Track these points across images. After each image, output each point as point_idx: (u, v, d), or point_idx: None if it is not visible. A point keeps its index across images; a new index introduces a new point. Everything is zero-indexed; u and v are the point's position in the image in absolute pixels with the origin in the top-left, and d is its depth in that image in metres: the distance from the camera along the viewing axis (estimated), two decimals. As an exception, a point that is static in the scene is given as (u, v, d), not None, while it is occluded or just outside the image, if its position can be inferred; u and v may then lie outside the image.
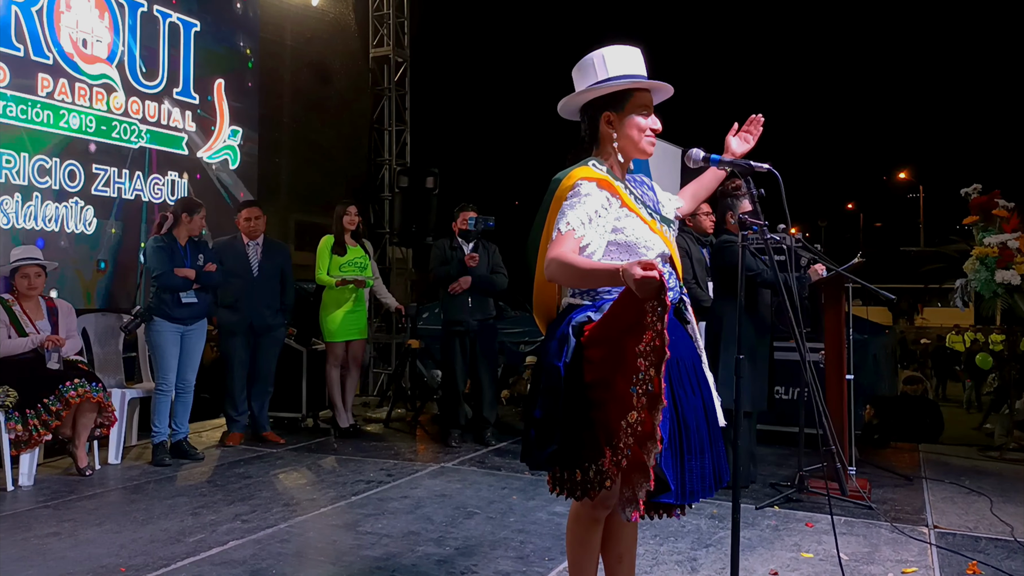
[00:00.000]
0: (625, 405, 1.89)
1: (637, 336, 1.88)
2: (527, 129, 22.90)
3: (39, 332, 4.38)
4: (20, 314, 4.37)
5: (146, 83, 5.65)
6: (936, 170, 40.45)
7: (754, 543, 3.41)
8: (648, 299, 1.84)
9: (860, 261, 4.32)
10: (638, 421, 1.86)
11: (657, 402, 1.84)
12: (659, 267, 1.79)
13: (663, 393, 1.84)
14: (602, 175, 2.11)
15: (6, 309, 4.34)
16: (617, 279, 1.84)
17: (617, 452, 1.89)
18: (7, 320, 4.33)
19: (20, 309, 4.38)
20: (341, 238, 5.62)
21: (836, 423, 4.22)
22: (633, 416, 1.87)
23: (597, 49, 2.16)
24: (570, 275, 2.03)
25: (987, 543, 3.46)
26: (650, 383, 1.85)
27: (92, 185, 5.26)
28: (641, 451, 1.87)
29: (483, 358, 5.35)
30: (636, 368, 1.87)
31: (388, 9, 8.50)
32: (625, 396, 1.89)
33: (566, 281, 2.11)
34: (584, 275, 2.00)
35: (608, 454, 1.91)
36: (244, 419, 5.37)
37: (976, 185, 5.60)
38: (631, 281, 1.78)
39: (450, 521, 3.62)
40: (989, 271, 5.30)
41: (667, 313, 1.83)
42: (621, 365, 1.91)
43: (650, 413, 1.85)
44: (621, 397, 1.90)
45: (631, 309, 1.90)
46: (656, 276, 1.76)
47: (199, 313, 4.89)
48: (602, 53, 2.16)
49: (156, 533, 3.40)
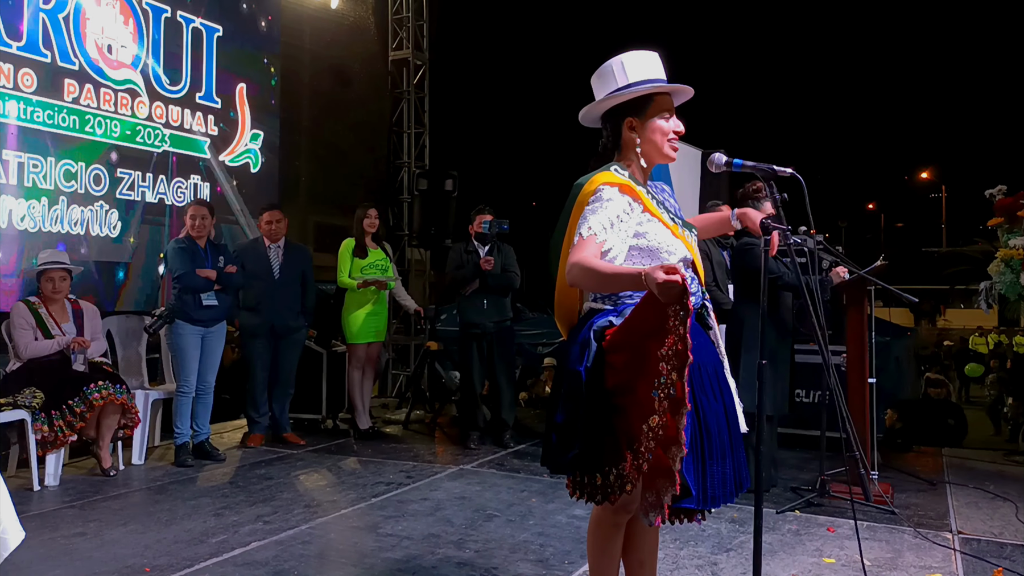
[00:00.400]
0: (647, 409, 1.89)
1: (659, 340, 1.88)
2: (546, 131, 22.84)
3: (64, 334, 4.44)
4: (46, 316, 4.43)
5: (169, 88, 5.71)
6: (959, 170, 39.95)
7: (775, 548, 3.39)
8: (671, 303, 1.83)
9: (883, 264, 4.28)
10: (660, 425, 1.86)
11: (680, 406, 1.84)
12: (682, 271, 1.79)
13: (686, 397, 1.84)
14: (624, 180, 2.11)
15: (32, 312, 4.41)
16: (640, 283, 1.84)
17: (638, 456, 1.89)
18: (33, 322, 4.39)
19: (46, 312, 4.45)
20: (362, 241, 5.65)
21: (858, 427, 4.18)
22: (655, 420, 1.87)
23: (615, 56, 2.16)
24: (592, 279, 2.03)
25: (1012, 549, 3.41)
26: (672, 387, 1.85)
27: (117, 189, 5.33)
28: (665, 455, 1.86)
29: (500, 360, 5.36)
30: (658, 372, 1.87)
31: (407, 12, 8.54)
32: (647, 400, 1.89)
33: (588, 286, 2.11)
34: (606, 279, 2.00)
35: (629, 458, 1.91)
36: (265, 420, 5.42)
37: (1001, 187, 5.53)
38: (654, 285, 1.78)
39: (470, 524, 3.63)
40: (1014, 273, 5.22)
41: (689, 317, 1.83)
42: (643, 370, 1.91)
43: (673, 417, 1.85)
44: (642, 401, 1.90)
45: (653, 313, 1.90)
46: (679, 280, 1.76)
47: (219, 315, 4.93)
48: (621, 59, 2.16)
49: (180, 534, 3.43)
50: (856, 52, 56.70)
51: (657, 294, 1.81)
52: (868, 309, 4.35)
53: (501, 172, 21.06)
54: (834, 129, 49.66)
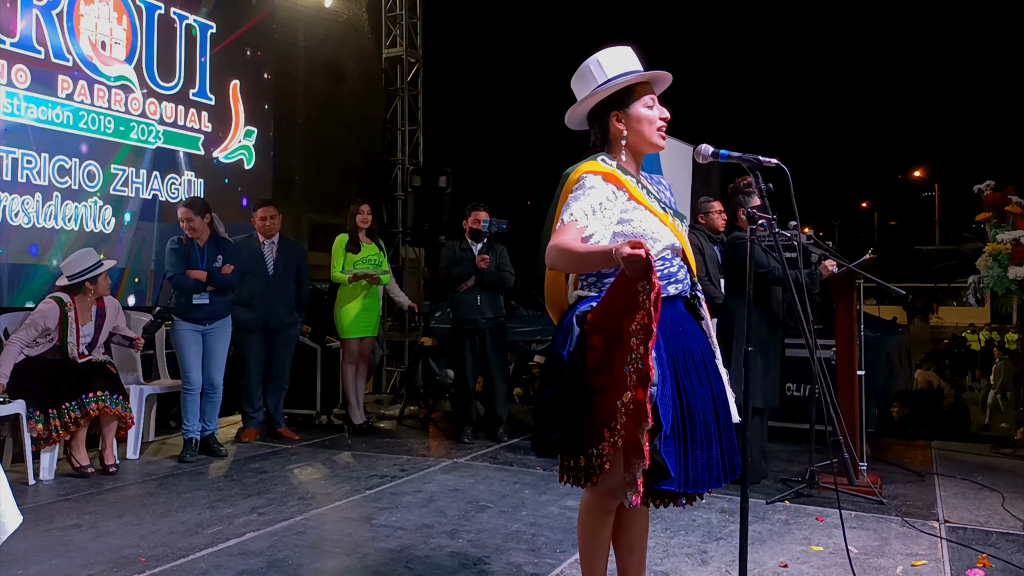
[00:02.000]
0: (622, 386, 1.92)
1: (631, 317, 1.91)
2: (539, 128, 22.87)
3: (80, 338, 4.45)
4: (72, 321, 4.41)
5: (163, 84, 5.73)
6: (951, 168, 40.12)
7: (764, 536, 3.43)
8: (638, 278, 1.87)
9: (871, 257, 4.33)
10: (631, 400, 1.89)
11: (646, 380, 1.86)
12: (646, 246, 1.82)
13: (652, 371, 1.86)
14: (609, 169, 2.15)
15: (63, 316, 4.38)
16: (611, 260, 1.87)
17: (614, 433, 1.92)
18: (56, 324, 4.37)
19: (74, 315, 4.42)
20: (355, 236, 5.68)
21: (848, 419, 4.22)
22: (627, 396, 1.90)
23: (590, 56, 2.20)
24: (567, 260, 2.06)
25: (998, 537, 3.46)
26: (640, 361, 1.88)
27: (110, 185, 5.35)
28: (635, 431, 1.89)
29: (493, 356, 5.39)
30: (630, 348, 1.90)
31: (401, 10, 8.55)
32: (621, 378, 1.92)
33: (564, 266, 2.14)
34: (580, 258, 2.02)
35: (607, 435, 1.94)
36: (260, 416, 5.44)
37: (989, 182, 5.59)
38: (620, 260, 1.82)
39: (463, 515, 3.67)
40: (1002, 267, 5.28)
41: (655, 292, 1.85)
42: (618, 347, 1.94)
43: (642, 392, 1.88)
44: (618, 380, 1.92)
45: (626, 290, 1.93)
46: (643, 255, 1.79)
47: (216, 313, 4.88)
48: (596, 58, 2.21)
49: (175, 525, 3.46)
50: (850, 51, 56.86)
51: (625, 269, 1.85)
52: (857, 303, 4.40)
53: (495, 169, 21.11)
54: (827, 127, 49.80)
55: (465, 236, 5.47)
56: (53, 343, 4.40)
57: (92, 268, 4.46)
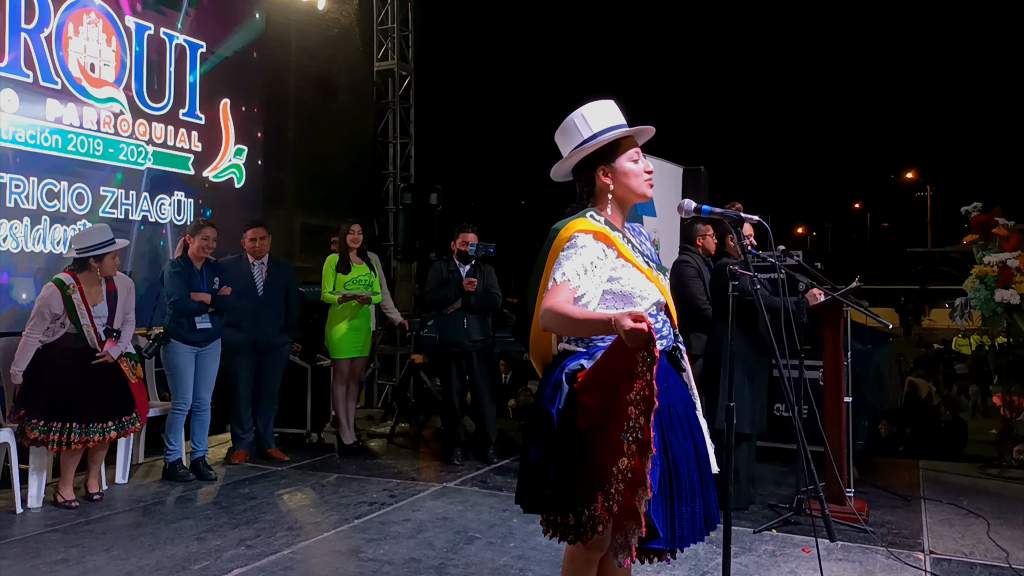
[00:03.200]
0: (617, 451, 1.94)
1: (628, 384, 1.93)
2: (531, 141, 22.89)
3: (94, 320, 4.25)
4: (79, 303, 4.20)
5: (153, 105, 5.72)
6: (943, 170, 40.30)
7: (751, 570, 3.45)
8: (638, 349, 1.89)
9: (858, 285, 4.36)
10: (629, 468, 1.91)
11: (647, 450, 1.89)
12: (648, 319, 1.84)
13: (652, 441, 1.89)
14: (599, 227, 2.16)
15: (66, 298, 4.18)
16: (610, 328, 1.90)
17: (609, 497, 1.94)
18: (63, 309, 4.18)
19: (80, 296, 4.22)
20: (346, 256, 5.68)
21: (834, 445, 4.25)
22: (624, 463, 1.92)
23: (574, 110, 2.22)
24: (565, 324, 2.08)
25: (982, 570, 3.49)
26: (640, 431, 1.90)
27: (100, 207, 5.34)
28: (633, 497, 1.92)
29: (482, 378, 5.40)
30: (627, 416, 1.92)
31: (392, 23, 8.57)
32: (617, 442, 1.94)
33: (561, 330, 2.16)
34: (578, 324, 2.05)
35: (600, 499, 1.95)
36: (249, 437, 5.44)
37: (976, 204, 5.63)
38: (622, 331, 1.84)
39: (451, 547, 3.67)
40: (989, 290, 5.32)
41: (655, 364, 1.88)
42: (613, 412, 1.96)
43: (640, 460, 1.90)
44: (613, 443, 1.95)
45: (622, 357, 1.95)
46: (645, 328, 1.82)
47: (213, 335, 4.97)
48: (581, 113, 2.22)
49: (162, 559, 3.46)
50: (843, 54, 57.05)
51: (625, 340, 1.87)
52: (844, 329, 4.42)
53: (486, 182, 21.13)
54: (821, 129, 49.98)
55: (453, 257, 5.48)
56: (67, 328, 4.21)
57: (102, 245, 4.27)
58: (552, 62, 34.59)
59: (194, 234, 4.90)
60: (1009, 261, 5.29)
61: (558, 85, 17.53)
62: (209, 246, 4.89)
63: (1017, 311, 5.25)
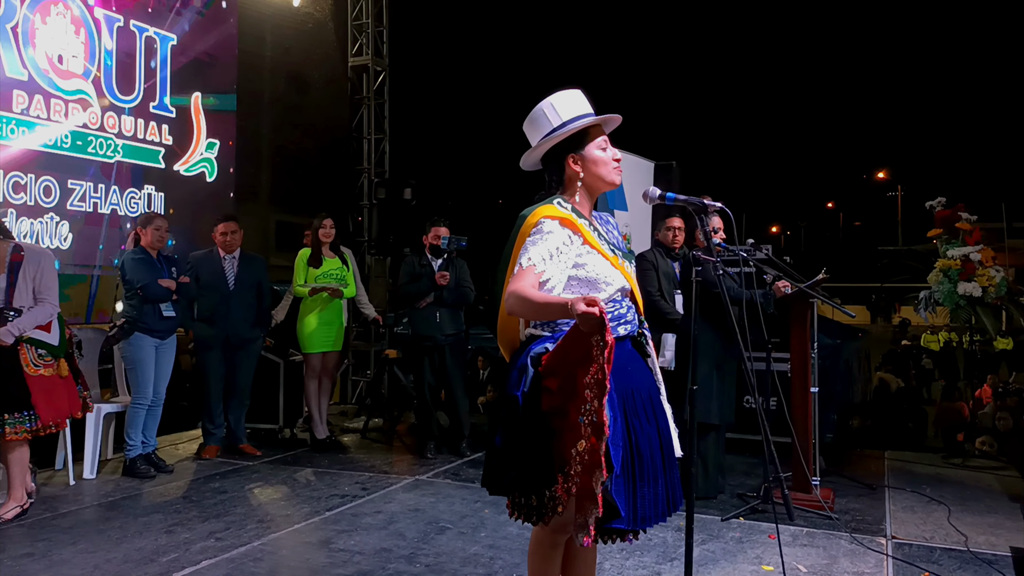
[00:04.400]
0: (576, 434, 1.97)
1: (585, 368, 1.96)
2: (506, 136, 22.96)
3: None
4: None
5: (123, 97, 5.66)
6: (914, 170, 41.00)
7: (717, 556, 3.50)
8: (591, 334, 1.92)
9: (823, 277, 4.43)
10: (586, 450, 1.95)
11: (600, 432, 1.92)
12: (601, 304, 1.87)
13: (607, 424, 1.92)
14: (565, 213, 2.20)
15: None
16: (568, 312, 1.92)
17: (568, 479, 1.98)
18: None
19: None
20: (318, 250, 5.67)
21: (801, 435, 4.33)
22: (582, 445, 1.95)
23: (542, 100, 2.25)
24: (526, 308, 2.11)
25: (941, 553, 3.57)
26: (595, 414, 1.93)
27: (67, 200, 5.28)
28: (590, 479, 1.95)
29: (454, 372, 5.41)
30: (584, 399, 1.96)
31: (367, 18, 8.54)
32: (576, 425, 1.97)
33: (523, 313, 2.19)
34: (539, 308, 2.08)
35: (560, 480, 1.99)
36: (221, 432, 5.41)
37: (940, 199, 5.75)
38: (575, 315, 1.88)
39: (422, 537, 3.69)
40: (952, 283, 5.44)
41: (608, 348, 1.90)
42: (573, 395, 1.99)
43: (596, 442, 1.93)
44: (573, 426, 1.98)
45: (580, 342, 1.98)
46: (597, 313, 1.85)
47: (175, 326, 4.95)
48: (549, 102, 2.26)
49: (130, 552, 3.44)
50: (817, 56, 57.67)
51: (579, 324, 1.90)
52: (811, 321, 4.49)
53: (461, 178, 21.14)
54: (795, 130, 50.51)
55: (425, 251, 5.48)
56: None
57: None
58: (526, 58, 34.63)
59: (145, 225, 4.85)
60: (972, 255, 5.42)
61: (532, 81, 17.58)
62: (162, 236, 4.87)
63: (979, 304, 5.38)
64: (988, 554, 3.56)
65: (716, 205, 2.29)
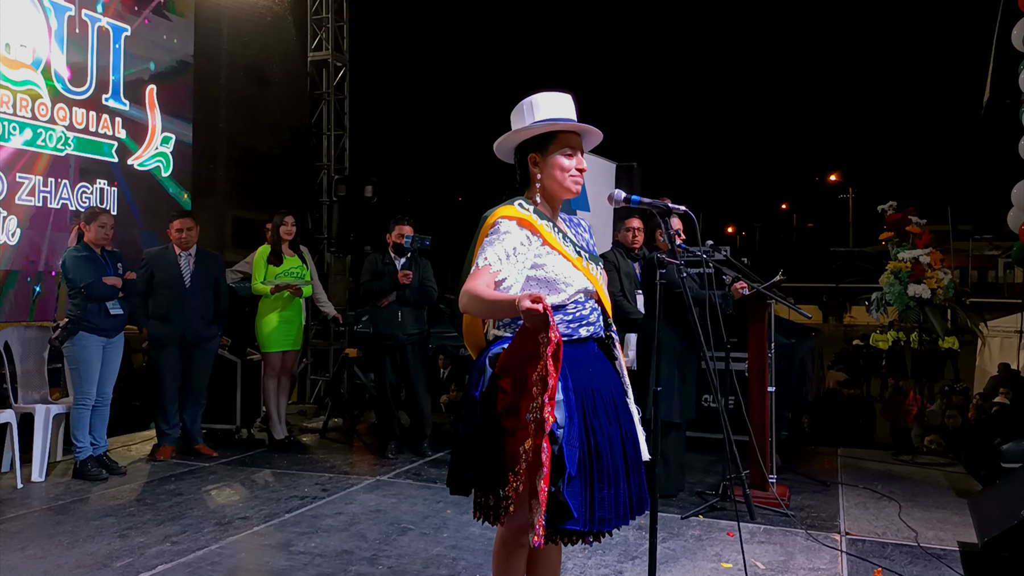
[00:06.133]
0: (526, 432, 1.98)
1: (534, 365, 1.96)
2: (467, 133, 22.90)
3: None
4: None
5: (74, 89, 5.50)
6: (865, 172, 42.11)
7: (678, 554, 3.55)
8: (536, 331, 1.92)
9: (780, 279, 4.52)
10: (532, 448, 1.95)
11: (541, 430, 1.92)
12: (545, 301, 1.87)
13: (548, 422, 1.91)
14: (524, 214, 2.19)
15: None
16: (515, 309, 1.91)
17: (517, 477, 1.98)
18: None
19: None
20: (278, 248, 5.59)
21: (758, 433, 4.41)
22: (528, 443, 1.95)
23: (532, 95, 2.24)
24: (477, 305, 2.10)
25: (893, 549, 3.67)
26: (539, 411, 1.93)
27: (15, 194, 5.11)
28: (533, 476, 1.95)
29: (416, 371, 5.37)
30: (532, 397, 1.96)
31: (327, 13, 8.45)
32: (526, 423, 1.98)
33: (475, 311, 2.17)
34: (489, 305, 2.07)
35: (511, 479, 1.99)
36: (176, 432, 5.30)
37: (892, 202, 5.90)
38: (520, 312, 1.87)
39: (384, 538, 3.66)
40: (902, 285, 5.59)
41: (553, 345, 1.90)
42: (524, 393, 1.99)
43: (538, 440, 1.93)
44: (524, 424, 1.98)
45: (531, 339, 1.98)
46: (540, 309, 1.85)
47: (123, 324, 4.84)
48: (534, 98, 2.25)
49: (82, 558, 3.35)
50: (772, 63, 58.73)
51: (524, 321, 1.90)
52: (768, 322, 4.57)
53: (422, 174, 21.05)
54: (751, 133, 51.40)
55: (388, 250, 5.44)
56: None
57: None
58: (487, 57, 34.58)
59: (89, 221, 4.70)
60: (921, 257, 5.57)
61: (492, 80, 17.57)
62: (107, 233, 4.73)
63: (929, 305, 5.53)
64: (937, 549, 3.67)
65: (680, 209, 2.32)
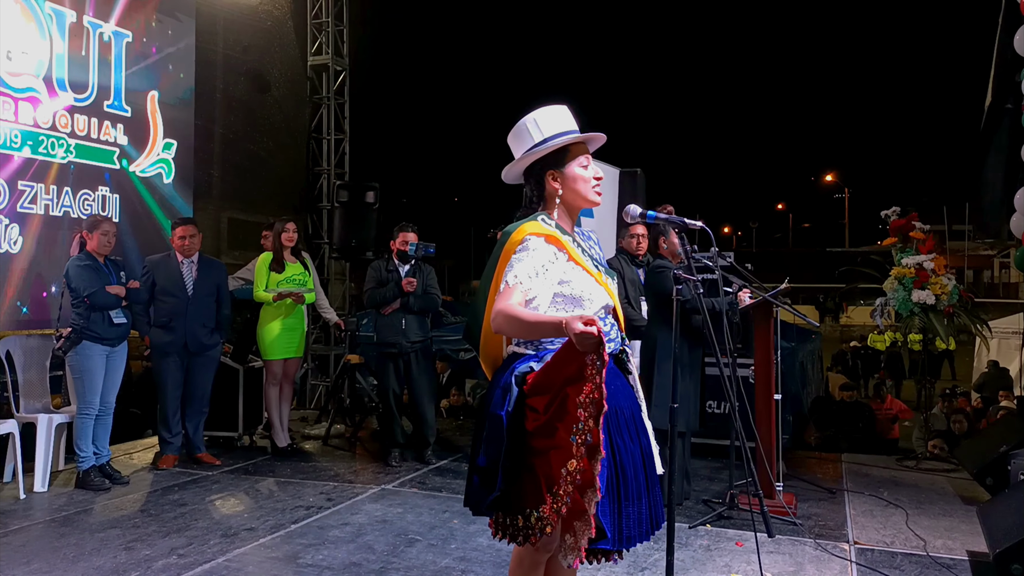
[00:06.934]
0: (566, 453, 1.96)
1: (578, 387, 1.95)
2: (466, 138, 22.95)
3: None
4: None
5: (75, 96, 5.47)
6: (861, 173, 42.22)
7: (687, 565, 3.54)
8: (588, 353, 1.91)
9: (787, 287, 4.51)
10: (578, 470, 1.94)
11: (596, 452, 1.92)
12: (599, 323, 1.87)
13: (601, 444, 1.92)
14: (550, 231, 2.19)
15: None
16: (561, 331, 1.91)
17: (557, 499, 1.97)
18: None
19: None
20: (280, 255, 5.56)
21: (764, 440, 4.40)
22: (573, 464, 1.95)
23: (527, 114, 2.24)
24: (516, 327, 2.09)
25: (902, 559, 3.66)
26: (589, 433, 1.93)
27: (18, 202, 5.08)
28: (582, 499, 1.95)
29: (420, 378, 5.34)
30: (577, 418, 1.95)
31: (327, 17, 8.42)
32: (566, 444, 1.97)
33: (512, 332, 2.17)
34: (529, 327, 2.07)
35: (549, 500, 1.98)
36: (178, 441, 5.27)
37: (895, 208, 5.90)
38: (572, 335, 1.86)
39: (391, 550, 3.64)
40: (907, 291, 5.59)
41: (605, 368, 1.91)
42: (563, 414, 1.98)
43: (589, 463, 1.93)
44: (562, 445, 1.97)
45: (572, 360, 1.97)
46: (595, 332, 1.84)
47: (126, 333, 4.82)
48: (533, 117, 2.24)
49: (88, 571, 3.32)
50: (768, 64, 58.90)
51: (575, 343, 1.89)
52: (774, 329, 4.57)
53: (421, 179, 21.07)
54: (748, 134, 51.53)
55: (392, 257, 5.42)
56: None
57: None
58: (488, 62, 34.61)
59: (92, 229, 4.68)
60: (925, 263, 5.57)
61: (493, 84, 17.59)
62: (109, 241, 4.71)
63: (932, 311, 5.53)
64: (947, 558, 3.66)
65: (697, 224, 2.31)
